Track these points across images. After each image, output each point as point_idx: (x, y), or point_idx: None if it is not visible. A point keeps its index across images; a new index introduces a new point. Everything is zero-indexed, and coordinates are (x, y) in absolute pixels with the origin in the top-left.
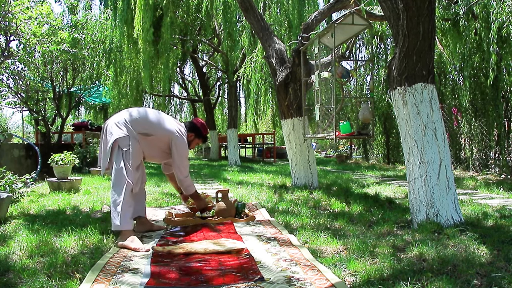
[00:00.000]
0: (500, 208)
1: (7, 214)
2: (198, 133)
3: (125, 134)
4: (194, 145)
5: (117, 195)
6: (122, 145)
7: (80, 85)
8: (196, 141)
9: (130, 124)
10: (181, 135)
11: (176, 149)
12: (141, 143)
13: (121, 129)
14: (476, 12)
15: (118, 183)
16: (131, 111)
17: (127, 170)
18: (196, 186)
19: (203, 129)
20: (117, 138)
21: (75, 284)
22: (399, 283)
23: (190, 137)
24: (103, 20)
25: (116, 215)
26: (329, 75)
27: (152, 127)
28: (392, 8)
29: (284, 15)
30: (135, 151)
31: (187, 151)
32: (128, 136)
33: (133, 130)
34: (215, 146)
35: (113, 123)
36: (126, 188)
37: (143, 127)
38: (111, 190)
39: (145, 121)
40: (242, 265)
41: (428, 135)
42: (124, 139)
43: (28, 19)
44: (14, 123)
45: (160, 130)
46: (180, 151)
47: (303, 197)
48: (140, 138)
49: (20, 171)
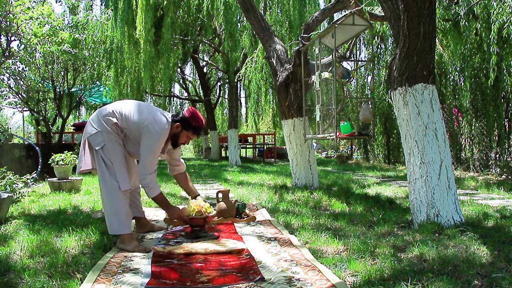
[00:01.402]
0: (500, 209)
1: (8, 214)
2: (186, 124)
3: (96, 131)
4: (185, 139)
5: (106, 200)
6: (95, 143)
7: (80, 85)
8: (185, 134)
9: (102, 119)
10: (153, 126)
11: (143, 139)
12: (118, 135)
13: (92, 126)
14: (476, 13)
15: (103, 185)
16: (108, 105)
17: (108, 168)
18: (197, 186)
19: (192, 120)
20: (88, 137)
21: (75, 284)
22: (399, 284)
23: (177, 128)
24: (103, 20)
25: (110, 219)
26: (330, 76)
27: (125, 120)
28: (392, 9)
29: (285, 16)
30: (113, 146)
31: (157, 145)
32: (100, 132)
33: (105, 124)
34: (215, 146)
35: (88, 121)
36: (112, 188)
37: (115, 119)
38: (101, 195)
39: (118, 113)
40: (243, 266)
41: (429, 135)
42: (96, 135)
43: (29, 19)
44: (15, 123)
45: (131, 122)
46: (146, 142)
47: (303, 198)
48: (115, 131)
49: (20, 171)
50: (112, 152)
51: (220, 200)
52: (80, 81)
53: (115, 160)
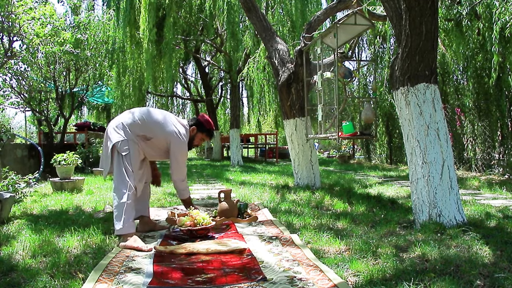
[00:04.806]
0: (503, 209)
1: (10, 214)
2: (200, 127)
3: (123, 138)
4: (199, 141)
5: (119, 199)
6: (121, 149)
7: (83, 86)
8: (199, 136)
9: (128, 127)
10: (179, 137)
11: (173, 152)
12: (140, 144)
13: (118, 133)
14: (479, 12)
15: (120, 186)
16: (130, 113)
17: (127, 172)
18: (198, 186)
19: (206, 123)
20: (115, 143)
21: (77, 284)
22: (401, 283)
23: (192, 131)
24: (105, 20)
25: (119, 219)
26: (332, 75)
27: (150, 130)
28: (394, 8)
29: (287, 15)
30: (135, 154)
31: (185, 155)
32: (126, 140)
33: (131, 133)
34: (217, 146)
35: (112, 128)
36: (128, 191)
37: (141, 130)
38: (113, 193)
39: (143, 124)
40: (245, 265)
41: (431, 135)
42: (122, 143)
43: (31, 19)
44: (17, 123)
45: (159, 133)
46: (176, 155)
47: (305, 197)
48: (139, 140)
49: (23, 171)
50: (134, 160)
51: (222, 200)
52: (82, 81)
53: (136, 167)
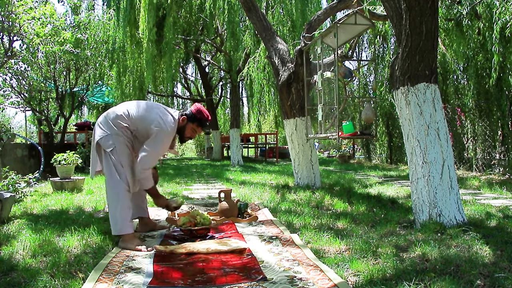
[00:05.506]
0: (503, 208)
1: (10, 213)
2: (191, 117)
3: (106, 133)
4: (191, 132)
5: (113, 199)
6: (105, 145)
7: (83, 85)
8: (190, 126)
9: (111, 121)
10: (161, 125)
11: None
12: (126, 137)
13: (102, 129)
14: (479, 12)
15: (111, 185)
16: (116, 107)
17: (117, 168)
18: (199, 186)
19: (197, 113)
20: (98, 140)
21: (78, 283)
22: (401, 283)
23: (182, 121)
24: (106, 20)
25: (115, 220)
26: (332, 75)
27: (134, 121)
28: (395, 8)
29: (287, 15)
30: (121, 148)
31: (164, 145)
32: (110, 135)
33: (115, 127)
34: (217, 146)
35: (97, 124)
36: (120, 189)
37: (124, 121)
38: (106, 194)
39: (127, 115)
40: (245, 265)
41: (431, 135)
42: (105, 138)
43: (31, 19)
44: (17, 123)
45: (141, 122)
46: (153, 140)
47: (305, 197)
48: (123, 133)
49: (23, 170)
50: (121, 154)
51: (222, 199)
52: (82, 81)
53: (125, 162)
